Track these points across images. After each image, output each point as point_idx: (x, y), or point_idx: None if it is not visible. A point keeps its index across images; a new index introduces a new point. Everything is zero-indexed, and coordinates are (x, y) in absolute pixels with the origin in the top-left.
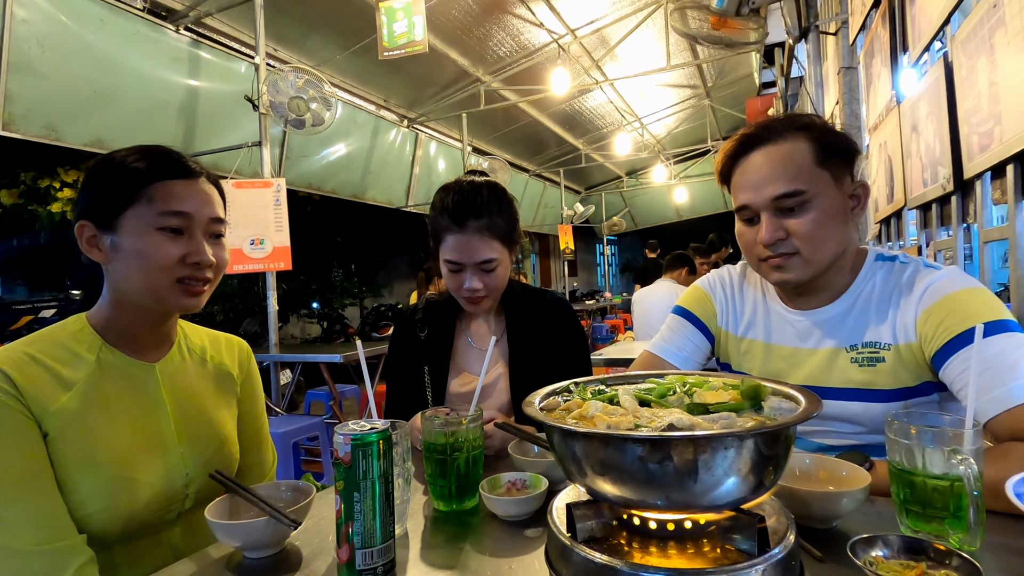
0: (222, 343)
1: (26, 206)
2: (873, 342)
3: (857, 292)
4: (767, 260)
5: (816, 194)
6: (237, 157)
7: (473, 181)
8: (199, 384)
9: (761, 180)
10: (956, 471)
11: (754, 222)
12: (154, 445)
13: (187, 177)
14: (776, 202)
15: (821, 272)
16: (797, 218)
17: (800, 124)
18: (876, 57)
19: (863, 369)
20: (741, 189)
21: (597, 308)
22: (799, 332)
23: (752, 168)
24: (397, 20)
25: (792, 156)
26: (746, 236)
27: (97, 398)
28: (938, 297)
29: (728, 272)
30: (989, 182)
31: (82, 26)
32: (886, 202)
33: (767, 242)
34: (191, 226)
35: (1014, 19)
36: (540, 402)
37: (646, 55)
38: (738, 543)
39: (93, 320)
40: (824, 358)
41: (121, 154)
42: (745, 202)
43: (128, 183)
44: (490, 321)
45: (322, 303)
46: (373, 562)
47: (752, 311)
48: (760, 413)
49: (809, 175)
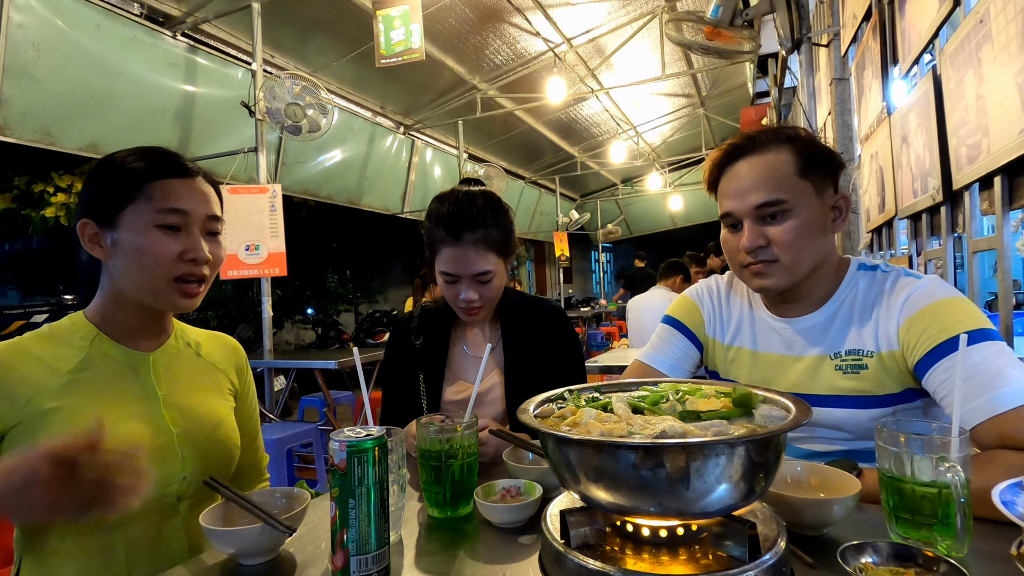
0: (217, 342)
1: (19, 211)
2: (856, 349)
3: (840, 300)
4: (748, 267)
5: (797, 204)
6: (233, 163)
7: (468, 192)
8: (193, 373)
9: (744, 188)
10: (944, 478)
11: (737, 229)
12: (146, 427)
13: (184, 176)
14: (758, 210)
15: (801, 280)
16: (777, 226)
17: (785, 136)
18: (867, 69)
19: (847, 376)
20: (726, 197)
21: (592, 315)
22: (785, 340)
23: (736, 177)
24: (394, 28)
25: (775, 166)
26: (730, 243)
27: (87, 383)
28: (920, 306)
29: (716, 281)
30: (977, 193)
31: (79, 31)
32: (877, 212)
33: (748, 248)
34: (188, 223)
35: (1000, 34)
36: (534, 409)
37: (641, 64)
38: (730, 549)
39: (89, 314)
40: (809, 365)
41: (121, 155)
42: (729, 209)
43: (128, 181)
44: (485, 329)
45: (317, 309)
46: (368, 569)
47: (739, 319)
48: (751, 421)
49: (791, 185)
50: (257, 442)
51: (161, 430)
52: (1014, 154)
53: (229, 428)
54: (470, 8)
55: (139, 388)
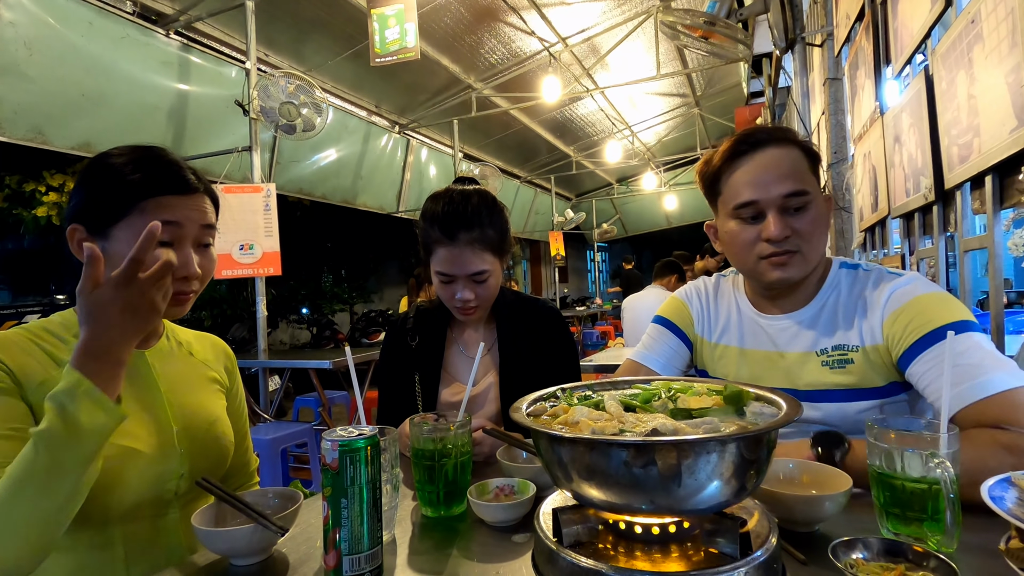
0: (207, 343)
1: (11, 210)
2: (841, 345)
3: (824, 298)
4: (769, 257)
5: (814, 197)
6: (227, 162)
7: (463, 191)
8: (187, 372)
9: (770, 179)
10: (934, 474)
11: (756, 220)
12: (148, 422)
13: (184, 193)
14: (785, 200)
15: (811, 273)
16: (801, 217)
17: (793, 136)
18: (860, 69)
19: (834, 371)
20: (746, 187)
21: (588, 314)
22: (771, 337)
23: (758, 167)
24: (389, 27)
25: (795, 159)
26: (745, 235)
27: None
28: (903, 301)
29: (703, 283)
30: (969, 192)
31: (70, 29)
32: (871, 211)
33: (777, 237)
34: (181, 237)
35: (991, 34)
36: (527, 408)
37: (636, 64)
38: (721, 546)
39: None
40: (795, 361)
41: (118, 160)
42: (752, 198)
43: (123, 195)
44: (481, 330)
45: (312, 309)
46: (360, 568)
47: (726, 318)
48: (742, 418)
49: (808, 179)
50: (247, 442)
51: (163, 426)
52: (1005, 153)
53: (224, 426)
54: (465, 7)
55: (141, 384)
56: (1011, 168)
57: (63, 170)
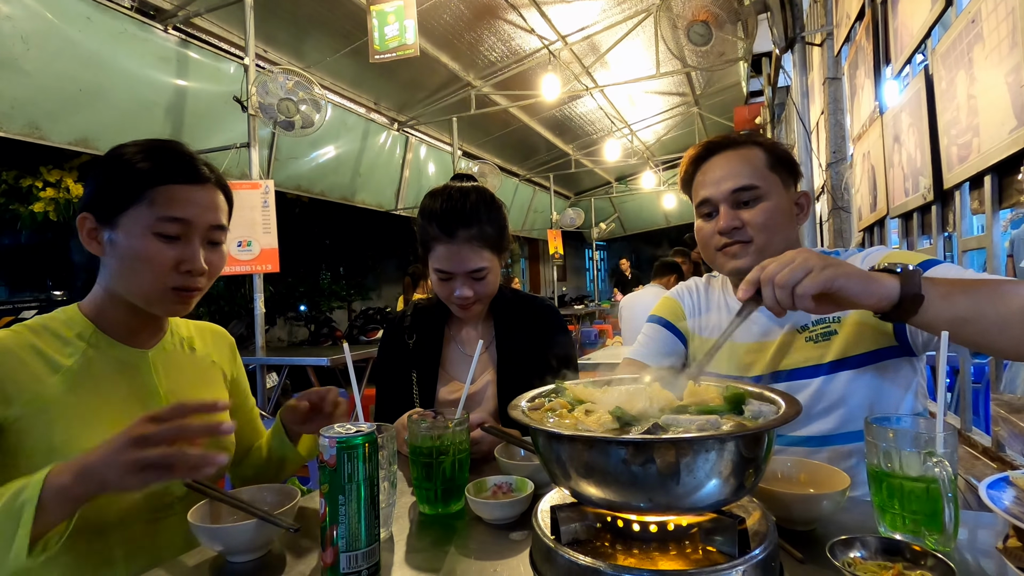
0: (208, 334)
1: (7, 205)
2: (823, 319)
3: None
4: (723, 249)
5: (768, 191)
6: (225, 158)
7: (462, 188)
8: (190, 371)
9: (721, 177)
10: (932, 473)
11: (712, 216)
12: None
13: (194, 182)
14: (734, 195)
15: None
16: (751, 209)
17: (755, 139)
18: (860, 68)
19: (819, 345)
20: (702, 187)
21: (586, 313)
22: (760, 326)
23: (713, 168)
24: (388, 23)
25: (748, 159)
26: (705, 230)
27: (88, 382)
28: (879, 257)
29: (694, 282)
30: (968, 192)
31: (68, 24)
32: (869, 211)
33: (724, 229)
34: (189, 232)
35: (991, 34)
36: (525, 405)
37: (636, 62)
38: (719, 545)
39: (85, 309)
40: (781, 344)
41: (131, 150)
42: (706, 196)
43: (131, 182)
44: (479, 328)
45: (310, 306)
46: (358, 565)
47: (717, 314)
48: (741, 416)
49: (762, 175)
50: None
51: None
52: (1004, 153)
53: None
54: (465, 4)
55: (141, 387)
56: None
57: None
